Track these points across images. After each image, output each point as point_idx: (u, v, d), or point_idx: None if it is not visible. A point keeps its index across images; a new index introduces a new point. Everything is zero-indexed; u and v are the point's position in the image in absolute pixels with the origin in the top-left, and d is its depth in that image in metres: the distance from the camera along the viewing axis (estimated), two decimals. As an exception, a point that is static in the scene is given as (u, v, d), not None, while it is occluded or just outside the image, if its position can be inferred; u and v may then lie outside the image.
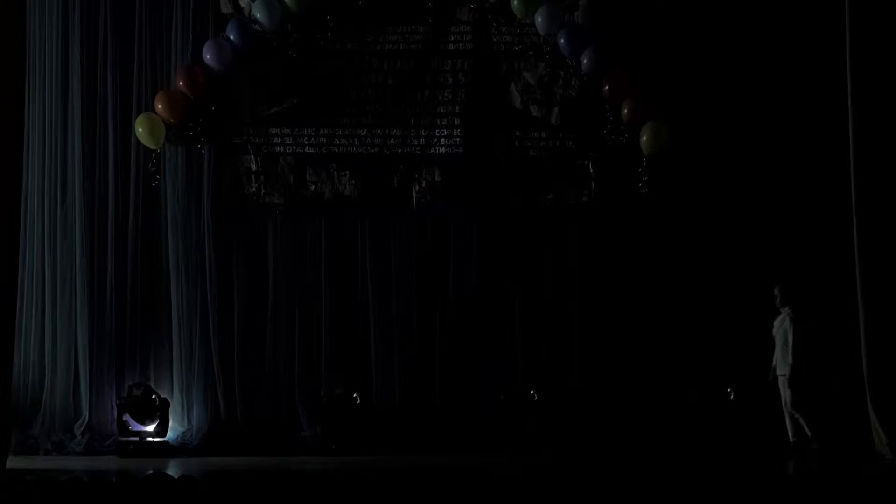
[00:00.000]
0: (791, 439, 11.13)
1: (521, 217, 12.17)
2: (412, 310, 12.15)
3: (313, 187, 12.24)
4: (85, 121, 12.02)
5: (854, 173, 11.30)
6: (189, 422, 11.89)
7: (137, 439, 11.51)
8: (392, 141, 12.27)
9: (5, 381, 10.16)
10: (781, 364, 11.18)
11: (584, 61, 11.93)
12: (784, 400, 11.16)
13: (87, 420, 11.78)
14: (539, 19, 11.98)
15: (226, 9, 12.14)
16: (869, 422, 11.04)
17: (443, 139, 12.25)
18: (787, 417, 11.15)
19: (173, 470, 9.74)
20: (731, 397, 11.57)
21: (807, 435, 11.03)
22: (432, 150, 12.24)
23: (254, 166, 12.20)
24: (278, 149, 12.25)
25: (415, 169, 12.24)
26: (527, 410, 11.78)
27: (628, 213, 12.02)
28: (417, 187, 12.23)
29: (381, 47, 12.27)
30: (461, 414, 11.86)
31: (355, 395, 11.83)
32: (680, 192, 11.93)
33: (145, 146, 11.92)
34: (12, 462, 10.02)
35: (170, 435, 11.67)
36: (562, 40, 11.96)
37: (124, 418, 11.57)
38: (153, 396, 11.68)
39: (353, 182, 12.23)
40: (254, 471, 10.21)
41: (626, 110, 11.85)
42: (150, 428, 11.57)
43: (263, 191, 12.22)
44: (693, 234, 11.90)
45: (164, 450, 11.47)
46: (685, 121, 11.85)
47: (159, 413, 11.62)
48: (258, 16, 11.94)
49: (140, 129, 11.82)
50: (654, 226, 11.94)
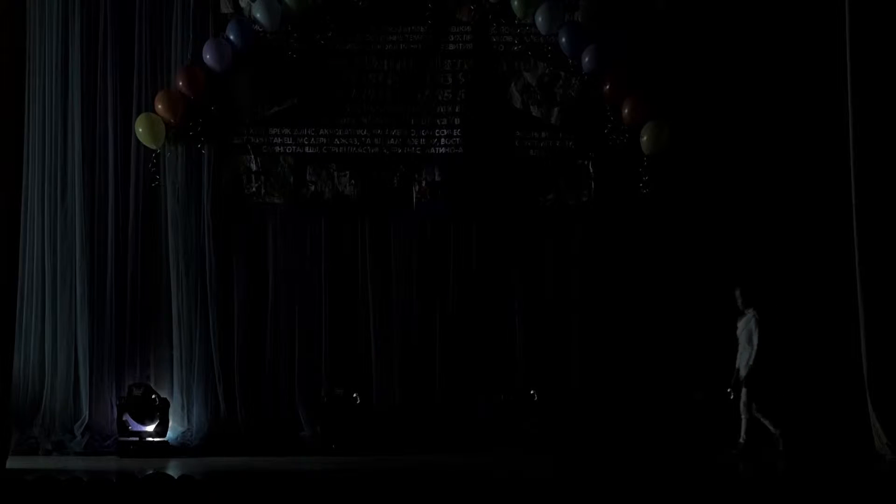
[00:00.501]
0: (741, 440, 11.11)
1: (521, 217, 12.17)
2: (412, 310, 12.15)
3: (313, 187, 12.24)
4: (85, 121, 12.03)
5: (854, 173, 11.30)
6: (189, 422, 11.89)
7: (137, 439, 11.50)
8: (392, 141, 12.27)
9: (5, 381, 10.15)
10: (744, 365, 11.17)
11: (585, 61, 11.94)
12: (743, 400, 11.15)
13: (87, 420, 11.78)
14: (540, 19, 11.99)
15: (226, 9, 12.14)
16: (869, 422, 11.05)
17: (443, 139, 12.25)
18: (743, 419, 11.14)
19: (173, 470, 9.75)
20: (731, 397, 11.55)
21: (773, 434, 11.05)
22: (432, 150, 12.25)
23: (254, 166, 12.21)
24: (278, 149, 12.25)
25: (415, 169, 12.24)
26: (527, 410, 11.77)
27: (628, 213, 12.02)
28: (417, 187, 12.23)
29: (381, 47, 12.27)
30: (461, 414, 11.86)
31: (355, 395, 11.83)
32: (680, 192, 11.93)
33: (145, 146, 11.92)
34: (12, 462, 10.02)
35: (170, 435, 11.67)
36: (562, 40, 11.97)
37: (124, 418, 11.56)
38: (153, 396, 11.68)
39: (353, 182, 12.23)
40: (254, 471, 10.22)
41: (626, 110, 11.85)
42: (150, 428, 11.57)
43: (263, 191, 12.22)
44: (693, 235, 11.90)
45: (164, 450, 11.47)
46: (686, 121, 11.85)
47: (159, 413, 11.61)
48: (258, 16, 11.94)
49: (140, 129, 11.82)
50: (654, 226, 11.94)
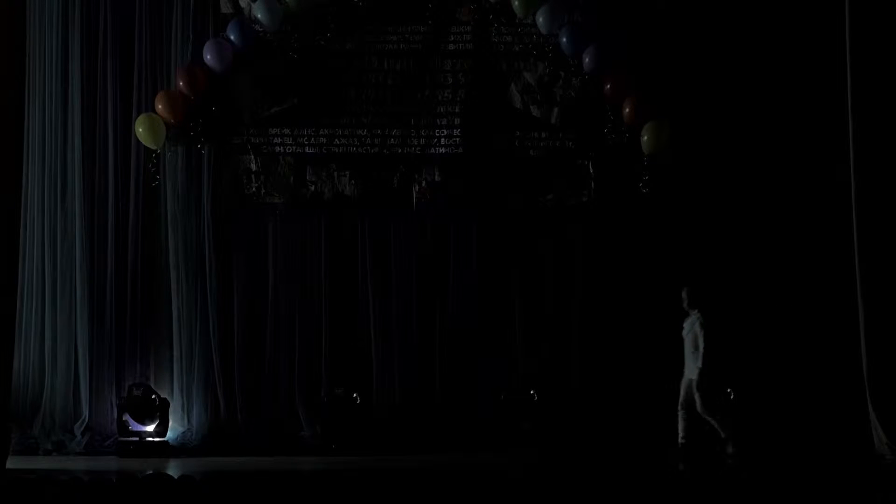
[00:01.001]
0: (680, 441, 11.07)
1: (521, 217, 12.17)
2: (412, 310, 12.15)
3: (313, 187, 12.24)
4: (85, 121, 12.03)
5: (854, 173, 11.30)
6: (189, 422, 11.89)
7: (137, 439, 11.51)
8: (392, 141, 12.27)
9: (5, 381, 10.15)
10: (690, 367, 11.10)
11: (586, 61, 11.93)
12: (681, 401, 11.07)
13: (87, 420, 11.78)
14: (541, 19, 11.98)
15: (226, 9, 12.15)
16: (869, 422, 11.05)
17: (443, 139, 12.25)
18: (680, 418, 11.06)
19: (173, 470, 9.76)
20: (731, 397, 11.55)
21: (721, 437, 11.00)
22: (432, 150, 12.25)
23: (254, 166, 12.21)
24: (278, 149, 12.25)
25: (415, 169, 12.24)
26: (527, 410, 11.77)
27: (628, 213, 12.02)
28: (417, 187, 12.24)
29: (381, 47, 12.27)
30: (461, 414, 11.86)
31: (355, 395, 11.84)
32: (680, 192, 11.92)
33: (145, 146, 11.92)
34: (12, 462, 10.01)
35: (170, 435, 11.67)
36: (563, 39, 11.97)
37: (124, 418, 11.57)
38: (153, 396, 11.68)
39: (353, 182, 12.23)
40: (254, 471, 10.22)
41: (627, 110, 11.85)
42: (150, 428, 11.57)
43: (263, 191, 12.22)
44: (694, 234, 11.89)
45: (164, 450, 11.47)
46: (686, 121, 11.85)
47: (159, 413, 11.62)
48: (259, 16, 11.95)
49: (140, 129, 11.82)
50: (654, 226, 11.94)
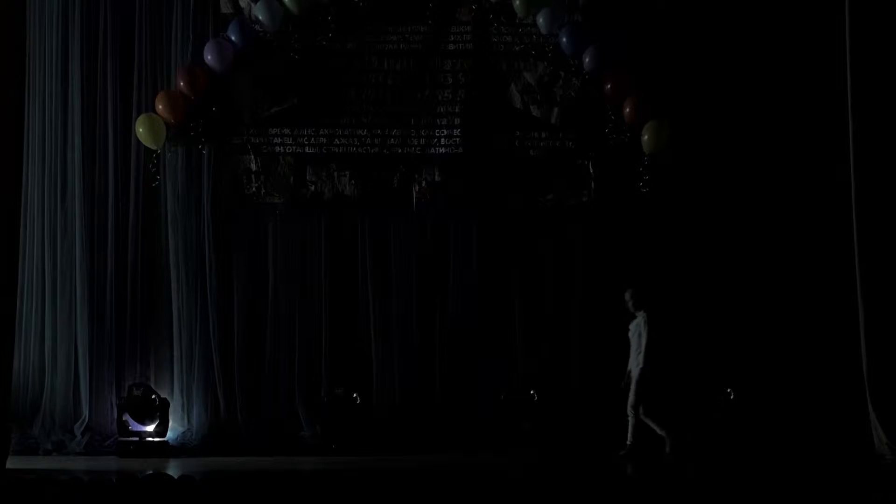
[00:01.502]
0: (628, 441, 11.10)
1: (521, 217, 12.17)
2: (412, 310, 12.15)
3: (313, 187, 12.24)
4: (85, 121, 12.04)
5: (854, 173, 11.30)
6: (189, 422, 11.90)
7: (137, 439, 11.51)
8: (392, 141, 12.28)
9: (5, 381, 10.15)
10: (635, 367, 11.16)
11: (586, 60, 11.94)
12: (630, 402, 11.13)
13: (87, 420, 11.78)
14: (541, 19, 11.99)
15: (226, 9, 12.15)
16: (869, 422, 11.05)
17: (443, 139, 12.25)
18: (630, 421, 11.13)
19: (173, 470, 9.75)
20: (731, 397, 11.56)
21: (661, 436, 11.04)
22: (432, 150, 12.25)
23: (254, 166, 12.21)
24: (278, 149, 12.26)
25: (415, 169, 12.25)
26: (527, 410, 11.77)
27: (628, 213, 12.02)
28: (417, 187, 12.24)
29: (381, 47, 12.28)
30: (461, 414, 11.86)
31: (355, 395, 11.84)
32: (681, 192, 11.93)
33: (145, 146, 11.92)
34: (12, 462, 10.00)
35: (170, 435, 11.67)
36: (563, 39, 11.97)
37: (124, 418, 11.57)
38: (153, 396, 11.68)
39: (353, 182, 12.23)
40: (254, 471, 10.22)
41: (627, 109, 11.85)
42: (150, 428, 11.57)
43: (263, 191, 12.23)
44: (694, 234, 11.90)
45: (164, 450, 11.47)
46: (686, 120, 11.86)
47: (159, 413, 11.62)
48: (259, 16, 11.95)
49: (140, 130, 11.83)
50: (654, 226, 11.94)
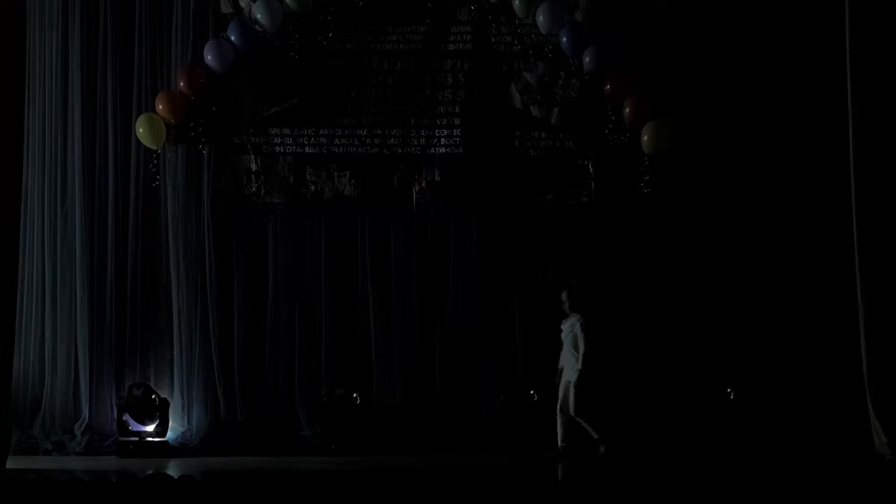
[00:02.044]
0: (560, 444, 11.12)
1: (521, 217, 12.17)
2: (412, 310, 12.15)
3: (313, 187, 12.24)
4: (85, 121, 12.03)
5: (854, 173, 11.29)
6: (189, 422, 11.89)
7: (137, 439, 11.51)
8: (392, 141, 12.27)
9: (5, 381, 10.15)
10: (568, 369, 11.16)
11: (586, 60, 11.94)
12: (560, 404, 11.14)
13: (87, 420, 11.78)
14: (541, 18, 11.99)
15: (226, 9, 12.15)
16: (869, 422, 11.04)
17: (443, 139, 12.25)
18: (560, 421, 11.15)
19: (173, 470, 9.75)
20: (731, 397, 11.56)
21: (593, 438, 11.06)
22: (432, 150, 12.25)
23: (254, 166, 12.21)
24: (278, 149, 12.26)
25: (415, 169, 12.24)
26: (527, 410, 11.77)
27: (628, 212, 12.02)
28: (417, 187, 12.24)
29: (381, 47, 12.27)
30: (461, 414, 11.86)
31: (355, 395, 11.84)
32: (681, 192, 11.93)
33: (145, 146, 11.92)
34: (12, 462, 10.02)
35: (170, 435, 11.67)
36: (563, 39, 11.97)
37: (124, 418, 11.57)
38: (153, 396, 11.68)
39: (353, 182, 12.23)
40: (254, 471, 10.22)
41: (627, 110, 11.85)
42: (150, 428, 11.57)
43: (263, 191, 12.22)
44: (694, 234, 11.90)
45: (164, 450, 11.48)
46: (686, 120, 11.85)
47: (159, 413, 11.62)
48: (259, 16, 11.95)
49: (141, 130, 11.83)
50: (654, 226, 11.94)
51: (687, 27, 11.98)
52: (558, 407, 11.24)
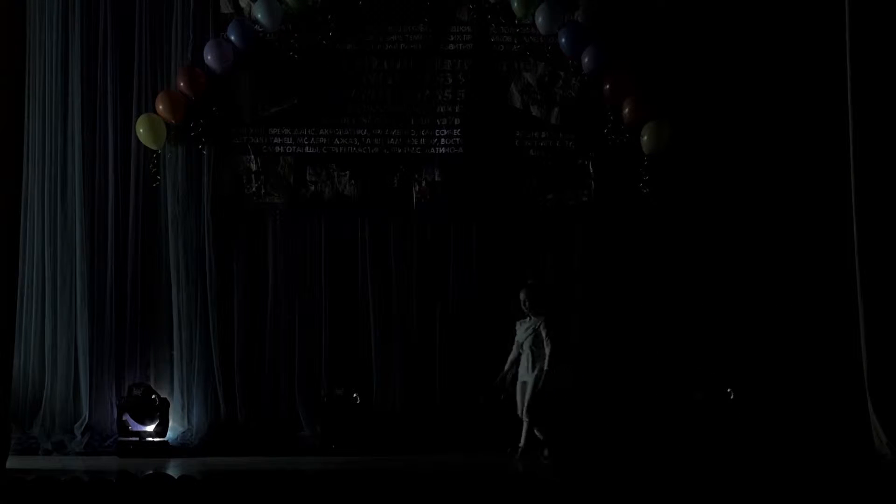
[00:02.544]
0: (520, 444, 11.03)
1: (521, 217, 12.17)
2: (412, 310, 12.14)
3: (313, 187, 12.24)
4: (85, 121, 12.02)
5: (854, 173, 11.30)
6: (189, 422, 11.89)
7: (137, 439, 11.50)
8: (392, 141, 12.27)
9: (5, 381, 10.17)
10: (526, 371, 11.02)
11: (585, 60, 11.94)
12: (521, 408, 11.00)
13: (87, 420, 11.77)
14: (540, 19, 11.98)
15: (226, 9, 12.14)
16: (869, 422, 11.05)
17: (443, 139, 12.25)
18: (525, 423, 11.02)
19: (173, 470, 9.75)
20: (731, 397, 11.56)
21: (538, 440, 10.98)
22: (432, 150, 12.25)
23: (254, 166, 12.21)
24: (278, 149, 12.25)
25: (415, 169, 12.24)
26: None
27: (628, 213, 12.01)
28: (417, 187, 12.24)
29: (380, 47, 12.27)
30: (461, 414, 11.86)
31: (355, 395, 11.83)
32: (681, 192, 11.92)
33: (145, 146, 11.92)
34: (12, 462, 10.01)
35: (170, 435, 11.67)
36: (562, 39, 11.97)
37: (124, 418, 11.56)
38: (153, 396, 11.68)
39: (353, 182, 12.23)
40: (254, 471, 10.22)
41: (627, 110, 11.85)
42: (150, 428, 11.57)
43: (263, 191, 12.22)
44: (694, 234, 11.90)
45: (164, 450, 11.47)
46: (686, 120, 11.85)
47: (159, 413, 11.61)
48: (259, 16, 11.95)
49: (141, 130, 11.83)
50: (654, 226, 11.93)
51: (687, 27, 11.97)
52: (519, 411, 11.01)
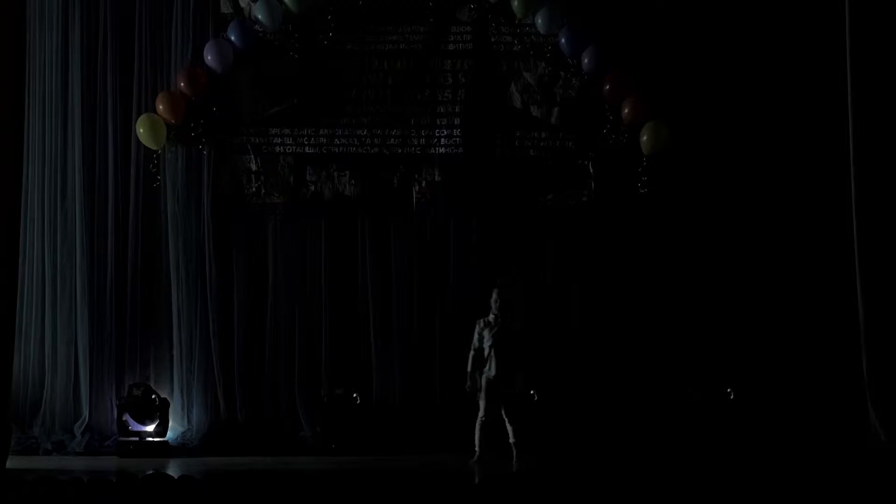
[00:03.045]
0: (511, 441, 10.96)
1: (521, 217, 12.17)
2: (412, 310, 12.15)
3: (313, 187, 12.25)
4: (85, 121, 12.03)
5: (854, 173, 11.31)
6: (189, 422, 11.90)
7: (137, 439, 11.51)
8: (392, 141, 12.28)
9: (5, 381, 10.16)
10: (503, 373, 10.88)
11: (585, 61, 11.94)
12: (504, 410, 10.88)
13: (87, 420, 11.78)
14: (540, 19, 11.99)
15: (226, 9, 12.15)
16: (869, 421, 11.05)
17: (443, 139, 12.26)
18: (507, 422, 10.91)
19: (173, 470, 9.75)
20: (731, 397, 11.56)
21: (510, 441, 10.86)
22: (432, 150, 12.25)
23: (254, 166, 12.21)
24: (278, 149, 12.26)
25: (415, 169, 12.25)
26: (527, 410, 11.75)
27: (628, 213, 12.02)
28: (417, 187, 12.24)
29: (381, 47, 12.27)
30: (461, 414, 11.85)
31: (355, 395, 11.84)
32: (680, 192, 11.93)
33: (145, 146, 11.92)
34: (12, 462, 10.03)
35: (170, 435, 11.68)
36: (562, 40, 11.98)
37: (124, 418, 11.57)
38: (153, 396, 11.68)
39: (353, 182, 12.23)
40: (254, 471, 10.22)
41: (626, 110, 11.86)
42: (150, 428, 11.57)
43: (263, 191, 12.23)
44: (693, 234, 11.91)
45: (164, 450, 11.48)
46: (686, 121, 11.86)
47: (159, 413, 11.62)
48: (259, 16, 11.95)
49: (141, 130, 11.83)
50: (654, 226, 11.94)
51: (686, 27, 11.98)
52: (503, 412, 10.90)
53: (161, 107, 11.84)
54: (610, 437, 11.54)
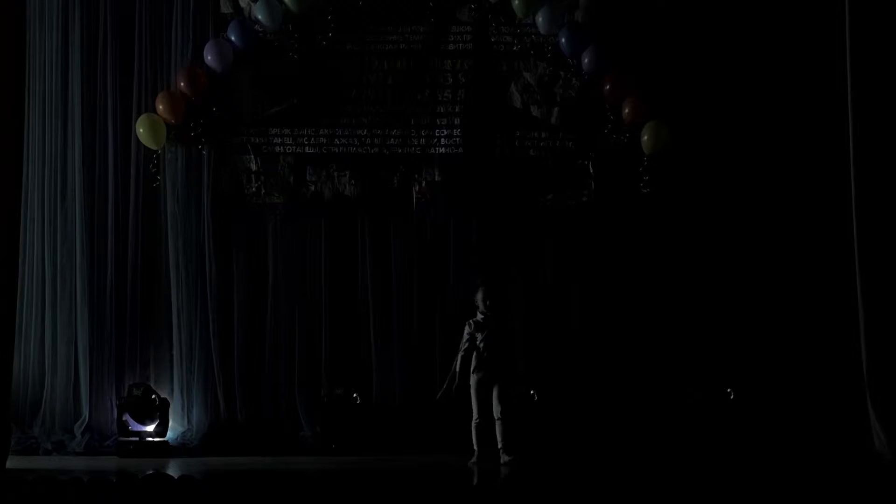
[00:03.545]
0: (500, 446, 10.86)
1: (521, 217, 12.17)
2: (412, 310, 12.15)
3: (313, 187, 12.25)
4: (85, 121, 12.03)
5: (854, 173, 11.31)
6: (189, 422, 11.90)
7: (137, 439, 11.51)
8: (392, 141, 12.28)
9: (5, 381, 10.16)
10: (494, 374, 10.76)
11: (585, 61, 11.94)
12: (496, 411, 10.79)
13: (87, 420, 11.78)
14: (540, 19, 11.99)
15: (226, 9, 12.15)
16: (869, 422, 11.05)
17: (443, 139, 12.26)
18: (498, 423, 10.79)
19: (173, 470, 9.75)
20: (731, 397, 11.56)
21: (497, 446, 10.75)
22: (432, 150, 12.25)
23: (254, 166, 12.21)
24: (278, 149, 12.26)
25: (415, 169, 12.25)
26: (527, 410, 11.76)
27: (628, 213, 12.02)
28: (417, 187, 12.24)
29: (381, 47, 12.27)
30: (461, 414, 11.84)
31: (355, 395, 11.84)
32: (681, 192, 11.93)
33: (145, 146, 11.93)
34: (12, 462, 10.03)
35: (170, 435, 11.68)
36: (562, 40, 11.97)
37: (124, 418, 11.57)
38: (153, 396, 11.68)
39: (353, 182, 12.23)
40: (254, 471, 10.22)
41: (626, 110, 11.86)
42: (150, 428, 11.57)
43: (263, 191, 12.23)
44: (694, 234, 11.91)
45: (164, 450, 11.47)
46: (686, 121, 11.86)
47: (159, 413, 11.62)
48: (259, 16, 11.95)
49: (141, 130, 11.83)
50: (654, 226, 11.94)
51: (687, 27, 11.98)
52: (495, 413, 10.79)
53: (161, 107, 11.84)
54: (610, 437, 11.54)
